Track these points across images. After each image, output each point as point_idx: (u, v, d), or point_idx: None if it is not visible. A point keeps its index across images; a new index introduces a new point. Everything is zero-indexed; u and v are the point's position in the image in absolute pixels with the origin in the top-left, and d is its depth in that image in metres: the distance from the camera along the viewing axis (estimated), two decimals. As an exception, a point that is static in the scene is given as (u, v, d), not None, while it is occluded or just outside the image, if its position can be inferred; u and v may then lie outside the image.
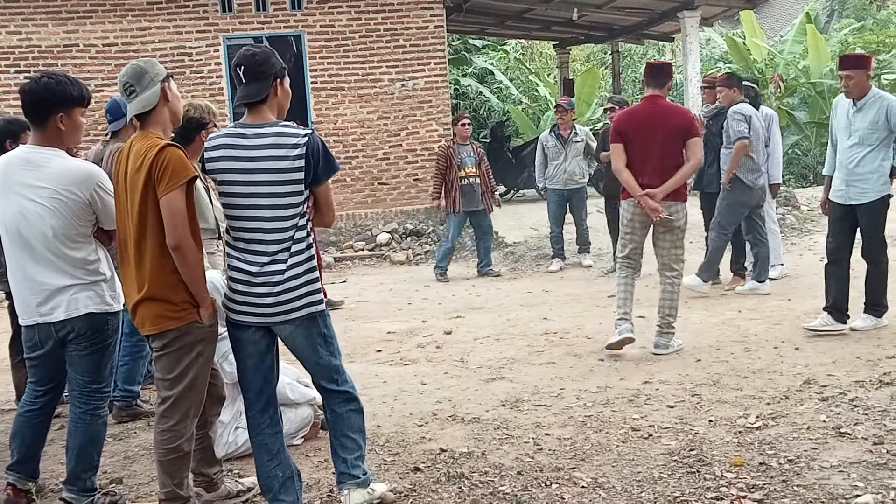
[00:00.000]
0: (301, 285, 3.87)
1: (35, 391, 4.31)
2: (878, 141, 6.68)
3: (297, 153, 3.78)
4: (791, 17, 29.77)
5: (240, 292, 3.86)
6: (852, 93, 6.71)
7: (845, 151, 6.81)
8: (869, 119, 6.67)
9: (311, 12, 13.72)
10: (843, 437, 4.62)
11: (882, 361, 5.94)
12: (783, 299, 8.18)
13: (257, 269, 3.82)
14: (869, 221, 6.79)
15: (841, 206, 6.87)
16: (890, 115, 6.61)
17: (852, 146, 6.76)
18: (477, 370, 6.50)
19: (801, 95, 20.79)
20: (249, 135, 3.82)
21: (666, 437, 4.83)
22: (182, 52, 13.44)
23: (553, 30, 19.71)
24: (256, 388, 4.02)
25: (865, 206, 6.74)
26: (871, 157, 6.68)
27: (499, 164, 17.57)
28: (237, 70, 3.85)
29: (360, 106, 14.04)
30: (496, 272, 11.30)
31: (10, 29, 12.95)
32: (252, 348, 3.97)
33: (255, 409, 4.04)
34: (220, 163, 3.83)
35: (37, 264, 4.06)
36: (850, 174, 6.76)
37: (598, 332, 7.40)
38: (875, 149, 6.68)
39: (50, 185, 4.01)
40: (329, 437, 4.17)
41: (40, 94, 4.06)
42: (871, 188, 6.70)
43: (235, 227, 3.87)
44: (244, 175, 3.79)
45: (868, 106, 6.70)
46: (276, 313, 3.86)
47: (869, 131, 6.68)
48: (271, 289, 3.82)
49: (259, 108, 3.88)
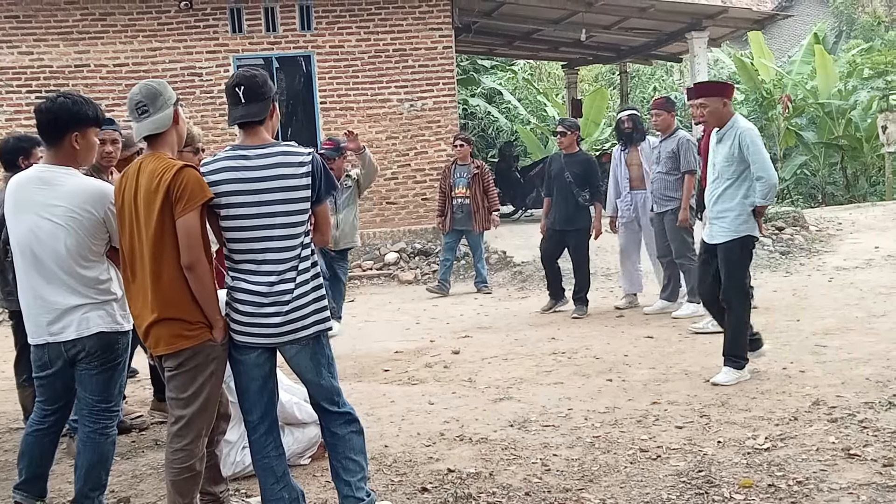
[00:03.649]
0: (309, 303, 3.89)
1: (43, 410, 4.31)
2: (736, 175, 6.12)
3: (303, 171, 3.84)
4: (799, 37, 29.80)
5: (247, 314, 3.86)
6: (709, 122, 6.28)
7: (709, 187, 6.34)
8: (725, 151, 6.15)
9: (320, 33, 13.81)
10: (852, 458, 4.60)
11: (892, 382, 5.92)
12: (792, 320, 8.15)
13: (266, 289, 3.83)
14: (725, 263, 6.19)
15: (708, 245, 6.36)
16: (743, 144, 6.06)
17: (713, 181, 6.27)
18: (485, 390, 6.49)
19: (810, 116, 20.81)
20: (252, 156, 3.84)
21: (674, 458, 4.81)
22: (192, 73, 13.53)
23: (561, 50, 19.78)
24: (260, 411, 4.02)
25: (722, 246, 6.19)
26: (730, 193, 6.15)
27: (507, 184, 17.63)
28: (235, 90, 3.86)
29: (368, 126, 14.09)
30: (487, 289, 11.43)
31: (22, 49, 13.05)
32: (256, 371, 3.97)
33: (259, 433, 4.03)
34: (224, 185, 3.82)
35: (48, 283, 4.08)
36: (712, 211, 6.28)
37: (606, 352, 7.39)
38: (734, 183, 6.13)
39: (65, 203, 4.04)
40: (329, 460, 4.15)
41: (57, 113, 4.09)
42: (729, 227, 6.15)
43: (242, 249, 3.87)
44: (251, 196, 3.80)
45: (726, 137, 6.18)
46: (285, 332, 3.86)
47: (726, 164, 6.15)
48: (280, 308, 3.83)
49: (257, 129, 3.91)
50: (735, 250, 6.16)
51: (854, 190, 20.14)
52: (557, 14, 15.80)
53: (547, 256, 9.58)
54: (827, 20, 32.41)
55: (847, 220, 14.44)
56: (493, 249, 13.28)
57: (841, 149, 20.03)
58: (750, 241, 6.22)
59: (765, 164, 6.06)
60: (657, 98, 9.28)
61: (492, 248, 13.35)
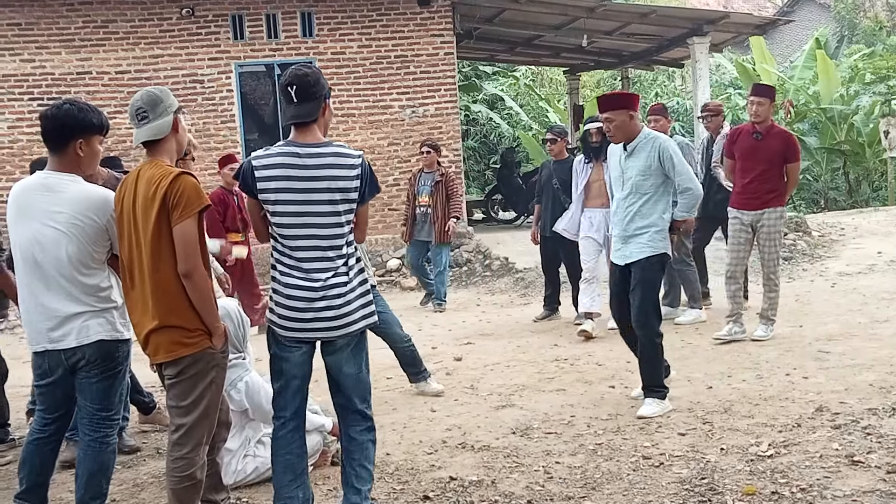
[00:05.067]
0: (358, 297, 4.02)
1: (44, 419, 4.30)
2: (654, 189, 5.84)
3: (355, 173, 3.95)
4: (801, 42, 29.83)
5: (298, 309, 3.94)
6: (616, 137, 5.89)
7: (620, 203, 5.97)
8: (640, 164, 5.82)
9: (322, 39, 13.81)
10: (856, 465, 4.58)
11: (895, 388, 5.90)
12: (795, 326, 8.13)
13: (320, 284, 3.93)
14: (642, 281, 5.84)
15: (620, 267, 5.99)
16: (663, 158, 5.77)
17: (627, 196, 5.91)
18: (487, 397, 6.48)
19: (812, 121, 20.82)
20: (304, 154, 3.91)
21: (677, 465, 4.80)
22: (194, 80, 13.53)
23: (563, 56, 19.78)
24: (294, 407, 4.09)
25: (639, 263, 5.85)
26: (647, 208, 5.84)
27: (508, 190, 17.65)
28: (288, 89, 3.94)
29: (370, 132, 14.09)
30: (441, 308, 10.79)
31: (24, 57, 13.06)
32: (298, 370, 4.05)
33: (287, 429, 4.08)
34: (275, 182, 3.89)
35: (49, 290, 4.07)
36: (626, 230, 5.91)
37: (609, 358, 7.37)
38: (652, 198, 5.84)
39: (67, 209, 4.03)
40: (342, 465, 4.18)
41: (62, 120, 4.09)
42: (648, 244, 5.82)
43: (291, 246, 3.96)
44: (301, 194, 3.89)
45: (639, 149, 5.85)
46: (338, 326, 3.97)
47: (642, 178, 5.82)
48: (332, 301, 3.94)
49: (310, 127, 3.98)
50: (655, 268, 5.87)
51: (857, 195, 20.13)
52: (559, 20, 15.80)
53: (547, 263, 9.53)
54: (829, 25, 32.42)
55: (850, 225, 14.42)
56: (494, 256, 13.27)
57: (843, 154, 20.03)
58: (666, 259, 5.95)
59: (690, 175, 5.86)
60: (654, 105, 9.24)
61: (493, 254, 13.34)
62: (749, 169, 7.58)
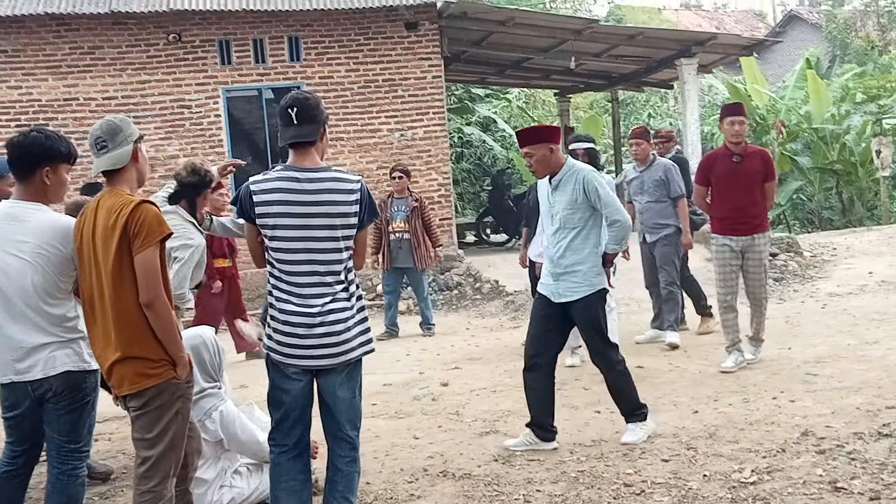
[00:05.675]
0: (356, 324, 4.01)
1: (12, 451, 4.23)
2: (583, 222, 5.63)
3: (354, 198, 3.94)
4: (792, 63, 29.92)
5: (299, 336, 3.91)
6: (539, 172, 5.73)
7: (551, 239, 5.81)
8: (567, 198, 5.63)
9: (309, 64, 13.81)
10: (838, 492, 4.50)
11: (882, 412, 5.82)
12: (783, 347, 8.07)
13: (317, 310, 3.90)
14: (587, 320, 5.68)
15: (548, 301, 5.80)
16: (588, 190, 5.55)
17: (557, 231, 5.73)
18: (471, 423, 6.40)
19: (804, 141, 20.85)
20: (303, 178, 3.90)
21: (658, 492, 4.72)
22: (182, 105, 13.51)
23: (552, 78, 19.80)
24: (298, 434, 4.07)
25: (579, 302, 5.65)
26: (578, 243, 5.64)
27: (499, 212, 17.61)
28: (288, 111, 3.93)
29: (359, 156, 14.06)
30: (431, 333, 10.67)
31: (11, 84, 13.04)
32: (301, 401, 4.04)
33: (290, 455, 4.06)
34: (274, 206, 3.87)
35: (14, 322, 4.00)
36: (557, 266, 5.71)
37: (596, 382, 7.26)
38: (581, 232, 5.64)
39: (32, 239, 3.98)
40: (325, 495, 4.12)
41: (28, 147, 4.05)
42: (582, 281, 5.63)
43: (289, 271, 3.93)
44: (299, 219, 3.88)
45: (563, 183, 5.66)
46: (338, 353, 3.94)
47: (570, 212, 5.63)
48: (331, 328, 3.92)
49: (308, 151, 3.97)
50: (595, 305, 5.66)
51: (850, 214, 20.13)
52: (546, 42, 15.81)
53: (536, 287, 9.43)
54: (821, 45, 32.55)
55: (842, 245, 14.38)
56: (485, 279, 13.21)
57: (836, 173, 20.04)
58: (604, 294, 5.75)
59: (617, 207, 5.61)
60: (636, 128, 9.19)
61: (484, 277, 13.28)
62: (730, 194, 7.40)
